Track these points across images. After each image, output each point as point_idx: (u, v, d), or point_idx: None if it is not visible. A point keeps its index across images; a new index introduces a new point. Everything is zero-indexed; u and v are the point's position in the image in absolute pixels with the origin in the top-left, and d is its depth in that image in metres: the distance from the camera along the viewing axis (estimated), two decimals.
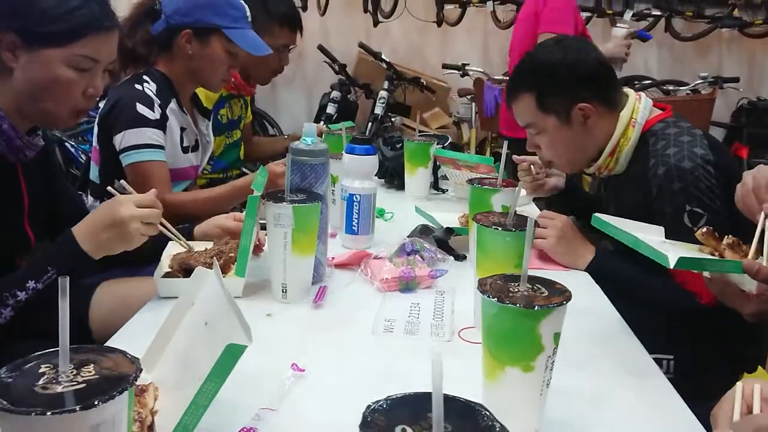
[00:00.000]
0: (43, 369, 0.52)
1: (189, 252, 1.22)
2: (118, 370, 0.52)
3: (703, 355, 1.34)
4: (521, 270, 0.77)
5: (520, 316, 0.72)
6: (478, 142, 4.05)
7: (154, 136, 1.59)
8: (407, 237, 1.37)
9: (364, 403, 0.46)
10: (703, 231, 1.01)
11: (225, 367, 0.61)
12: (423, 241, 1.31)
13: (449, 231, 1.43)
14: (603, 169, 1.47)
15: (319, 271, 1.24)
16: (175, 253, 1.20)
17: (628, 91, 1.48)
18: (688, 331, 1.33)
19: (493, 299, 0.72)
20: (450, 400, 0.49)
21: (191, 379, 0.69)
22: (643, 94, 1.47)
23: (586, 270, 1.38)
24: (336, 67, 3.84)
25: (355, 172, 1.42)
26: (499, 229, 1.01)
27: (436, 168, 2.02)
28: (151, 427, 0.71)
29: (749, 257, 0.92)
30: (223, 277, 0.77)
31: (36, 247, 1.29)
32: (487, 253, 1.03)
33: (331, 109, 3.61)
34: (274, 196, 1.12)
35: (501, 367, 0.74)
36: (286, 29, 2.17)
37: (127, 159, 1.58)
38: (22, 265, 1.27)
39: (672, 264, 0.92)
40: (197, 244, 1.27)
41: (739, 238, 0.98)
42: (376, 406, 0.50)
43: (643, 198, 1.34)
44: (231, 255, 1.19)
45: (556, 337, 0.74)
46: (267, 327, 1.06)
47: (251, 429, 0.77)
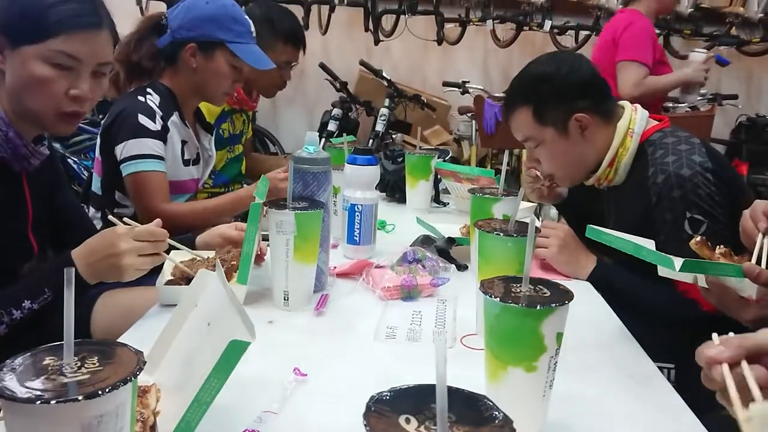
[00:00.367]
0: (48, 361, 0.52)
1: (192, 260, 1.22)
2: (122, 363, 0.52)
3: None
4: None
5: (523, 315, 0.72)
6: (478, 159, 4.07)
7: (155, 146, 1.60)
8: (409, 247, 1.38)
9: (363, 409, 0.46)
10: (697, 240, 1.02)
11: (228, 363, 0.61)
12: (425, 250, 1.31)
13: (451, 241, 1.43)
14: (603, 180, 1.48)
15: (321, 280, 1.24)
16: (176, 263, 1.20)
17: (624, 102, 1.50)
18: (690, 340, 1.31)
19: (496, 299, 0.72)
20: (453, 392, 0.49)
21: (194, 379, 0.69)
22: (638, 105, 1.48)
23: (588, 279, 1.38)
24: (337, 85, 3.87)
25: (356, 183, 1.43)
26: (501, 234, 1.01)
27: (437, 181, 2.03)
28: (153, 427, 0.71)
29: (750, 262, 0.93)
30: None
31: (40, 257, 1.29)
32: (489, 259, 1.04)
33: (332, 126, 3.63)
34: (277, 203, 1.12)
35: (503, 368, 0.74)
36: (291, 46, 2.20)
37: (127, 169, 1.59)
38: (24, 274, 1.27)
39: (678, 266, 0.92)
40: (199, 254, 1.27)
41: (730, 249, 0.99)
42: (380, 397, 0.50)
43: (643, 207, 1.35)
44: (233, 263, 1.19)
45: (559, 337, 0.74)
46: (269, 333, 1.06)
47: (253, 431, 0.76)
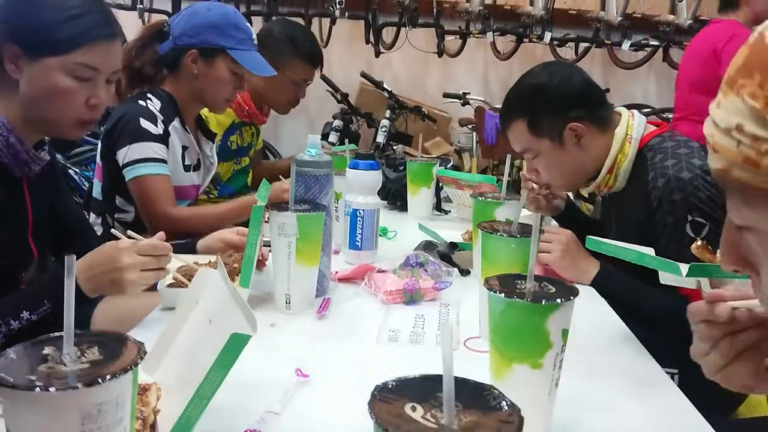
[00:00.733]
0: (48, 350, 0.51)
1: (193, 264, 1.22)
2: (122, 353, 0.52)
3: None
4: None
5: (528, 311, 0.71)
6: (479, 171, 4.06)
7: (158, 150, 1.60)
8: (412, 251, 1.37)
9: (366, 411, 0.45)
10: (698, 245, 1.01)
11: (229, 357, 0.60)
12: (427, 255, 1.30)
13: (453, 246, 1.43)
14: (603, 187, 1.48)
15: (323, 284, 1.23)
16: (178, 266, 1.19)
17: (621, 109, 1.50)
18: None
19: (500, 295, 0.72)
20: (460, 381, 0.48)
21: (195, 378, 0.68)
22: (636, 111, 1.48)
23: (591, 284, 1.37)
24: (338, 96, 3.87)
25: (358, 187, 1.43)
26: (505, 235, 1.01)
27: (438, 189, 2.03)
28: (153, 426, 0.70)
29: None
30: None
31: (39, 263, 1.28)
32: (492, 260, 1.03)
33: (333, 137, 3.63)
34: (279, 206, 1.12)
35: (508, 365, 0.73)
36: (310, 65, 2.23)
37: (131, 173, 1.58)
38: (24, 284, 1.26)
39: (684, 272, 0.92)
40: (201, 258, 1.27)
41: None
42: (385, 386, 0.49)
43: (645, 212, 1.34)
44: (235, 266, 1.19)
45: (565, 333, 0.73)
46: (271, 336, 1.05)
47: (254, 431, 0.75)
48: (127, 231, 1.09)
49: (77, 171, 3.25)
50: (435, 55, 4.41)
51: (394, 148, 3.91)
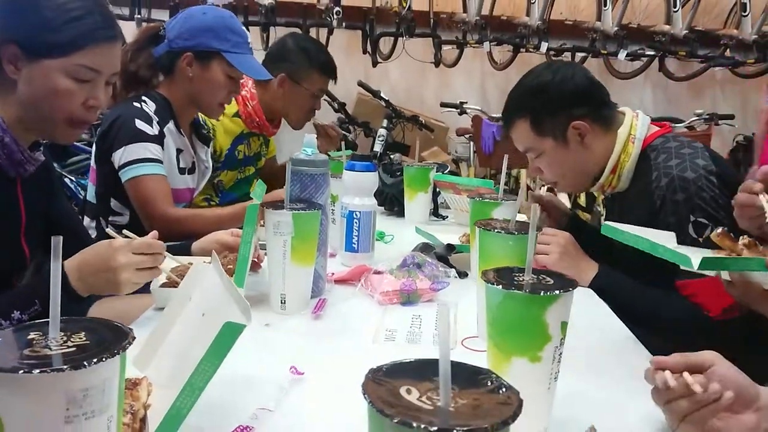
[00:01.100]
0: (33, 335, 0.50)
1: (187, 266, 1.20)
2: (110, 338, 0.50)
3: None
4: None
5: (526, 303, 0.70)
6: None
7: (154, 150, 1.60)
8: (409, 252, 1.36)
9: (362, 407, 0.44)
10: (719, 232, 0.99)
11: (222, 346, 0.59)
12: (424, 256, 1.29)
13: (450, 248, 1.41)
14: (606, 187, 1.47)
15: (318, 285, 1.21)
16: (173, 266, 1.18)
17: (625, 109, 1.49)
18: (696, 346, 1.29)
19: (498, 286, 0.71)
20: (456, 365, 0.47)
21: (187, 372, 0.66)
22: (640, 112, 1.48)
23: (590, 286, 1.36)
24: (335, 105, 3.88)
25: (355, 189, 1.42)
26: (502, 232, 0.99)
27: (435, 194, 2.02)
28: (143, 420, 0.68)
29: None
30: None
31: (32, 265, 1.27)
32: (490, 258, 1.02)
33: None
34: (274, 204, 1.11)
35: (507, 359, 0.72)
36: (325, 77, 2.24)
37: (127, 174, 1.57)
38: (16, 282, 1.25)
39: (696, 265, 0.90)
40: (196, 260, 1.25)
41: (754, 239, 0.97)
42: (379, 368, 0.47)
43: (648, 212, 1.33)
44: (230, 267, 1.17)
45: (564, 326, 0.72)
46: (265, 335, 1.04)
47: (247, 427, 0.74)
48: (123, 231, 1.08)
49: (73, 179, 3.24)
50: (432, 65, 4.42)
51: (391, 157, 3.91)
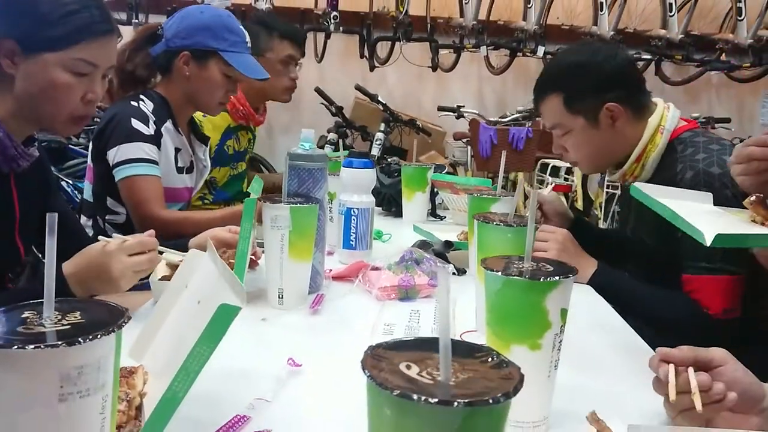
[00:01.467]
0: (27, 314, 0.49)
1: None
2: (105, 317, 0.49)
3: None
4: None
5: (526, 289, 0.69)
6: None
7: (149, 150, 1.59)
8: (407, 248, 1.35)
9: (361, 398, 0.43)
10: (752, 200, 0.98)
11: (217, 329, 0.58)
12: (423, 252, 1.29)
13: (448, 244, 1.41)
14: (628, 176, 1.46)
15: (316, 280, 1.21)
16: (169, 261, 1.17)
17: (657, 100, 1.48)
18: (696, 344, 1.29)
19: (497, 273, 0.70)
20: (456, 343, 0.47)
21: (183, 359, 0.66)
22: (671, 104, 1.47)
23: (589, 283, 1.35)
24: (333, 110, 3.88)
25: (353, 186, 1.41)
26: (501, 225, 0.99)
27: (433, 195, 2.02)
28: (139, 408, 0.67)
29: None
30: None
31: (25, 261, 1.26)
32: (488, 251, 1.01)
33: (327, 150, 3.63)
34: (271, 198, 1.10)
35: (506, 347, 0.71)
36: (287, 42, 2.22)
37: (121, 173, 1.57)
38: (8, 280, 1.24)
39: (708, 241, 0.89)
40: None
41: None
42: (379, 346, 0.47)
43: None
44: (231, 261, 1.16)
45: (564, 313, 0.71)
46: (263, 330, 1.03)
47: (244, 417, 0.73)
48: (112, 236, 1.08)
49: (69, 182, 3.23)
50: (429, 69, 4.43)
51: (389, 160, 3.91)
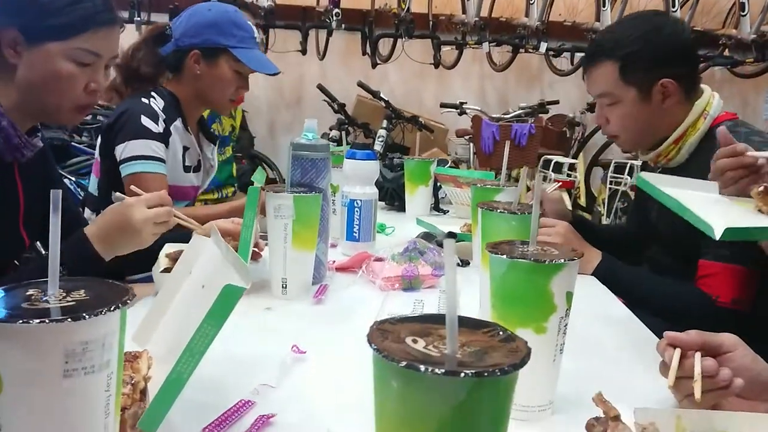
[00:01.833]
0: (31, 291, 0.49)
1: None
2: (110, 294, 0.49)
3: None
4: None
5: (531, 272, 0.69)
6: None
7: (156, 148, 1.59)
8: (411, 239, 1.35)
9: (365, 384, 0.43)
10: (759, 190, 0.97)
11: (223, 309, 0.58)
12: (426, 243, 1.28)
13: (452, 236, 1.41)
14: (662, 157, 1.44)
15: (320, 271, 1.21)
16: (172, 251, 1.17)
17: (704, 86, 1.47)
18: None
19: (503, 256, 0.70)
20: (462, 318, 0.47)
21: (186, 343, 0.65)
22: (716, 93, 1.46)
23: (593, 274, 1.35)
24: (335, 107, 3.88)
25: (356, 178, 1.41)
26: (505, 212, 0.99)
27: (436, 189, 2.01)
28: (143, 392, 0.67)
29: None
30: None
31: (30, 248, 1.26)
32: (493, 239, 1.00)
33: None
34: (275, 187, 1.10)
35: (511, 330, 0.71)
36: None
37: (127, 169, 1.57)
38: (10, 271, 1.24)
39: (718, 235, 0.88)
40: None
41: None
42: (385, 321, 0.47)
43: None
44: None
45: (569, 297, 0.71)
46: (267, 319, 1.03)
47: (249, 401, 0.73)
48: (131, 186, 1.10)
49: (72, 179, 3.23)
50: (431, 67, 4.42)
51: (391, 156, 3.91)
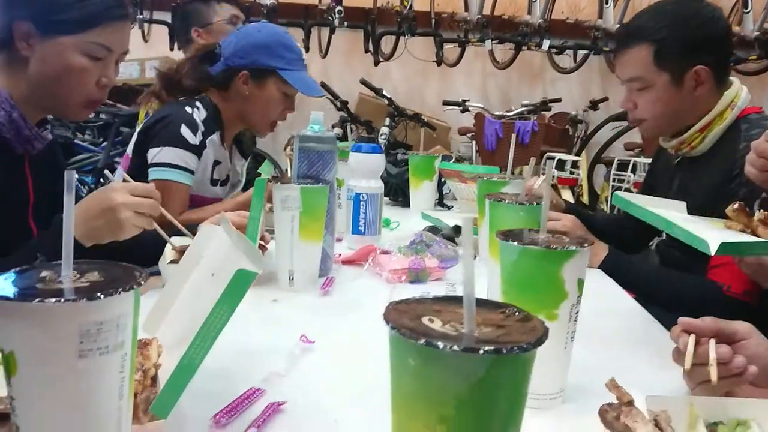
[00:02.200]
0: (45, 273, 0.49)
1: None
2: (123, 275, 0.49)
3: None
4: None
5: (542, 258, 0.69)
6: None
7: (188, 159, 1.60)
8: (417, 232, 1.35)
9: (373, 373, 0.43)
10: (735, 207, 0.98)
11: (235, 293, 0.57)
12: (433, 235, 1.28)
13: (458, 229, 1.40)
14: (686, 145, 1.43)
15: (326, 263, 1.21)
16: (178, 244, 1.17)
17: (733, 78, 1.46)
18: None
19: (514, 243, 0.70)
20: (479, 300, 0.46)
21: (196, 331, 0.65)
22: (745, 87, 1.45)
23: (600, 267, 1.35)
24: (338, 104, 3.87)
25: (361, 171, 1.41)
26: (514, 203, 0.99)
27: (441, 184, 2.01)
28: (154, 378, 0.67)
29: None
30: None
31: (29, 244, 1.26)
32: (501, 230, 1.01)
33: None
34: (282, 179, 1.10)
35: None
36: (225, 4, 2.31)
37: (155, 174, 1.58)
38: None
39: (713, 251, 0.87)
40: None
41: None
42: (401, 302, 0.46)
43: (723, 176, 1.31)
44: None
45: (580, 284, 0.71)
46: (274, 310, 1.03)
47: (259, 389, 0.73)
48: (123, 174, 1.09)
49: (76, 176, 3.23)
50: (434, 65, 4.42)
51: (394, 153, 3.91)
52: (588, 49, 4.06)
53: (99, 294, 0.45)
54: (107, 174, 1.11)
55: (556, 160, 3.72)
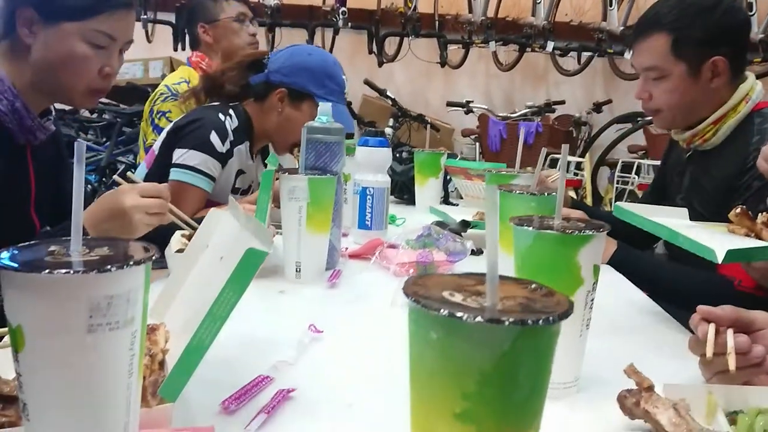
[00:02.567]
0: (54, 248, 0.47)
1: None
2: (133, 251, 0.48)
3: None
4: None
5: (557, 243, 0.68)
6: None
7: (212, 167, 1.59)
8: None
9: (382, 362, 0.41)
10: (737, 212, 0.97)
11: (245, 273, 0.56)
12: (440, 229, 1.27)
13: (465, 224, 1.39)
14: (698, 138, 1.41)
15: (333, 256, 1.19)
16: (186, 233, 1.16)
17: (748, 72, 1.44)
18: None
19: (528, 228, 0.68)
20: (501, 276, 0.45)
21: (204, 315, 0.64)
22: (759, 81, 1.43)
23: (609, 263, 1.33)
24: None
25: (368, 165, 1.40)
26: (525, 193, 0.97)
27: (446, 182, 2.00)
28: (161, 363, 0.66)
29: None
30: None
31: (39, 234, 1.25)
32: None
33: None
34: (290, 170, 1.09)
35: None
36: (233, 1, 2.30)
37: (176, 174, 1.56)
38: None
39: (720, 259, 0.86)
40: None
41: None
42: (420, 276, 0.45)
43: (735, 170, 1.30)
44: None
45: (596, 270, 0.70)
46: (282, 301, 1.02)
47: (267, 377, 0.71)
48: (127, 173, 1.07)
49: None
50: (437, 66, 4.42)
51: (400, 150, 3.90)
52: (592, 51, 4.06)
53: (109, 267, 0.43)
54: (130, 176, 1.09)
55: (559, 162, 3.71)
